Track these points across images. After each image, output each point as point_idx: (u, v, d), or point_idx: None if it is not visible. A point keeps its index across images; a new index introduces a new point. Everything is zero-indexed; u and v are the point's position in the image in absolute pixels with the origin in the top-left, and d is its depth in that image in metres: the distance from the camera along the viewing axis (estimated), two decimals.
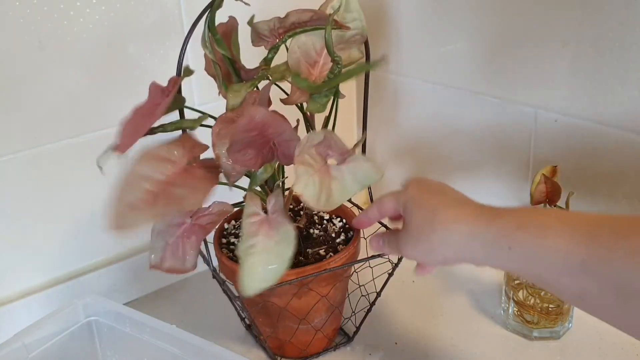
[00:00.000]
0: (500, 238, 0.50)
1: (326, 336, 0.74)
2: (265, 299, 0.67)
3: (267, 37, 0.64)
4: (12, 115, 0.75)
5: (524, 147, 0.83)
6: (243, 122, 0.54)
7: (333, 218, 0.76)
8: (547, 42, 0.76)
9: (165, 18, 0.82)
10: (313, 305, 0.68)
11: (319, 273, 0.64)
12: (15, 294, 0.81)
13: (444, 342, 0.77)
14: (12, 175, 0.77)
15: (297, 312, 0.68)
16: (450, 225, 0.53)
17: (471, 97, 0.88)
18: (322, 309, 0.70)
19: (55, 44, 0.75)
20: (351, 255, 0.68)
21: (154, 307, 0.87)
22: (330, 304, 0.70)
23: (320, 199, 0.55)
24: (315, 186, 0.55)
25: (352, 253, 0.68)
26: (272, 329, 0.71)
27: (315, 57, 0.64)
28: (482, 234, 0.52)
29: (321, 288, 0.67)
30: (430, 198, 0.57)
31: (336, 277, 0.68)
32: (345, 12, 0.65)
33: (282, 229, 0.56)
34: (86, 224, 0.84)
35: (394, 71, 0.99)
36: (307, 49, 0.64)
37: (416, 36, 0.93)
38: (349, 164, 0.58)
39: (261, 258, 0.55)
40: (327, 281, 0.67)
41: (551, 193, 0.74)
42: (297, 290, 0.65)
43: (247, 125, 0.55)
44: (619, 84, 0.71)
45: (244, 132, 0.55)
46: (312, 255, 0.68)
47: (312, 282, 0.65)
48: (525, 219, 0.50)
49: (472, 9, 0.84)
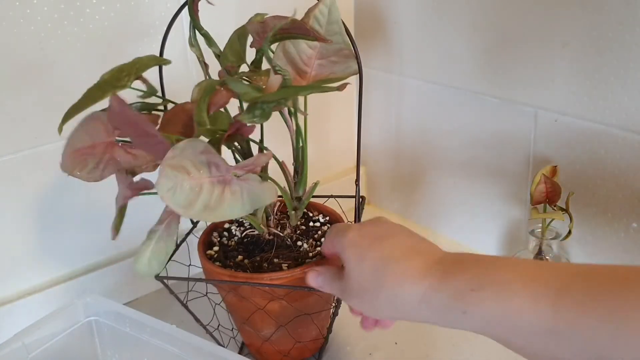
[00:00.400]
0: (454, 302, 0.45)
1: (280, 351, 0.73)
2: (222, 292, 0.69)
3: (257, 39, 0.64)
4: (12, 115, 0.75)
5: (524, 147, 0.83)
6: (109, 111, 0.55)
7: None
8: (547, 42, 0.76)
9: (165, 18, 0.82)
10: (250, 314, 0.67)
11: (239, 283, 0.64)
12: (15, 294, 0.81)
13: (444, 342, 0.77)
14: (12, 175, 0.77)
15: (239, 314, 0.69)
16: (396, 289, 0.48)
17: (471, 97, 0.88)
18: (265, 321, 0.68)
19: (55, 44, 0.75)
20: (294, 280, 0.64)
21: (154, 307, 0.87)
22: (272, 319, 0.68)
23: (193, 208, 0.53)
24: (184, 193, 0.53)
25: (295, 278, 0.64)
26: (238, 329, 0.73)
27: (303, 67, 0.63)
28: (433, 298, 0.46)
29: (257, 299, 0.65)
30: (372, 248, 0.51)
31: (273, 293, 0.65)
32: (328, 24, 0.62)
33: (173, 225, 0.61)
34: (86, 224, 0.84)
35: (394, 71, 0.99)
36: (292, 57, 0.63)
37: (416, 36, 0.93)
38: (245, 182, 0.56)
39: (153, 245, 0.60)
40: (262, 296, 0.65)
41: (551, 193, 0.74)
42: (229, 292, 0.67)
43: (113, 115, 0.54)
44: (619, 84, 0.71)
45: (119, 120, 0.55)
46: (275, 266, 0.67)
47: (246, 291, 0.65)
48: (481, 278, 0.44)
49: (472, 9, 0.84)
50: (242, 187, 0.55)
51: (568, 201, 0.74)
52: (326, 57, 0.63)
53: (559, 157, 0.79)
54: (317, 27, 0.62)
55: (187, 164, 0.53)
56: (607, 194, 0.75)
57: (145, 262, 0.60)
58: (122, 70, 0.59)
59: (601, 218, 0.77)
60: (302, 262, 0.66)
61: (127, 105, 0.53)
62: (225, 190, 0.55)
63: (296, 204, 0.70)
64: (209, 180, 0.54)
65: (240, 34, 0.66)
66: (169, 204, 0.52)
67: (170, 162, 0.52)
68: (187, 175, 0.53)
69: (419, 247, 0.51)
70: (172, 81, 0.71)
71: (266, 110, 0.57)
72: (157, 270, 0.61)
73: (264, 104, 0.57)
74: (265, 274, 0.64)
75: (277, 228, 0.70)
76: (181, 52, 0.85)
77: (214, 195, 0.54)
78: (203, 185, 0.54)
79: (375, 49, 1.00)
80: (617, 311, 0.38)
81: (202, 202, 0.53)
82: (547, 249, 0.75)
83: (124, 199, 0.62)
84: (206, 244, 0.72)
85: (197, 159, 0.54)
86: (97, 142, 0.58)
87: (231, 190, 0.55)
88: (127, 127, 0.55)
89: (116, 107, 0.53)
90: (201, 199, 0.53)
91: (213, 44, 0.64)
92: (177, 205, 0.52)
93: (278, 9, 0.65)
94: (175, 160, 0.53)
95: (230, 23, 0.68)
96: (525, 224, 0.86)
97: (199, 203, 0.53)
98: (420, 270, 0.47)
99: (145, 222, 0.84)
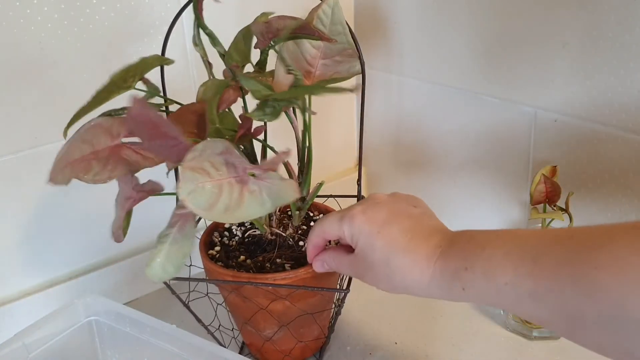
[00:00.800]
0: (453, 281, 0.50)
1: (282, 350, 0.73)
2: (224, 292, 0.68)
3: (261, 40, 0.64)
4: (13, 115, 0.75)
5: (523, 147, 0.83)
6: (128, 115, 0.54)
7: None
8: (547, 42, 0.76)
9: (165, 18, 0.82)
10: (253, 314, 0.67)
11: (244, 283, 0.64)
12: (15, 294, 0.81)
13: (444, 342, 0.77)
14: (12, 175, 0.77)
15: (242, 314, 0.69)
16: (406, 277, 0.54)
17: (471, 97, 0.88)
18: (268, 321, 0.68)
19: (55, 44, 0.75)
20: (298, 281, 0.65)
21: (154, 307, 0.87)
22: (274, 319, 0.68)
23: (214, 209, 0.53)
24: (205, 195, 0.52)
25: (299, 279, 0.65)
26: (239, 329, 0.72)
27: (308, 67, 0.64)
28: (437, 281, 0.52)
29: (260, 299, 0.66)
30: (379, 237, 0.55)
31: (276, 294, 0.65)
32: (331, 24, 0.63)
33: (189, 226, 0.58)
34: (86, 224, 0.84)
35: (394, 71, 0.99)
36: (297, 57, 0.63)
37: (416, 36, 0.93)
38: (265, 181, 0.56)
39: (167, 248, 0.58)
40: (266, 296, 0.65)
41: (551, 193, 0.74)
42: (231, 292, 0.66)
43: (133, 116, 0.53)
44: (619, 84, 0.71)
45: (137, 123, 0.54)
46: (278, 266, 0.67)
47: (249, 291, 0.65)
48: (471, 257, 0.49)
49: (472, 8, 0.84)
50: (260, 186, 0.55)
51: (568, 201, 0.74)
52: (330, 57, 0.64)
53: (559, 157, 0.79)
54: (320, 27, 0.62)
55: (206, 166, 0.53)
56: (607, 194, 0.75)
57: (159, 267, 0.58)
58: (129, 70, 0.58)
59: (601, 218, 0.77)
60: (304, 263, 0.66)
61: (149, 106, 0.53)
62: (243, 190, 0.54)
63: (300, 204, 0.70)
64: (227, 181, 0.54)
65: (245, 33, 0.66)
66: (191, 207, 0.52)
67: (190, 164, 0.52)
68: (208, 176, 0.53)
69: (420, 228, 0.56)
70: (172, 81, 0.71)
71: (277, 108, 0.58)
72: (174, 273, 0.58)
73: (275, 101, 0.58)
74: (269, 274, 0.64)
75: (279, 228, 0.71)
76: (181, 52, 0.85)
77: (233, 196, 0.53)
78: (223, 187, 0.53)
79: (375, 49, 1.00)
80: (588, 273, 0.41)
81: (223, 204, 0.53)
82: None
83: (128, 202, 0.62)
84: (207, 244, 0.72)
85: (216, 160, 0.53)
86: (99, 149, 0.57)
87: (249, 190, 0.54)
88: (144, 129, 0.54)
89: (138, 108, 0.52)
90: (222, 200, 0.53)
91: (218, 43, 0.64)
92: (198, 207, 0.52)
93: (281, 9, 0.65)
94: (195, 162, 0.52)
95: (232, 22, 0.68)
96: (525, 224, 0.86)
97: (219, 205, 0.53)
98: (425, 257, 0.53)
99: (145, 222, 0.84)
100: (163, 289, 0.89)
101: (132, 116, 0.52)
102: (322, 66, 0.63)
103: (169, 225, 0.59)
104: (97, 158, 0.57)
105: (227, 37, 0.66)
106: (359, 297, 0.85)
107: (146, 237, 0.89)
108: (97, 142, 0.57)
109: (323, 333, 0.73)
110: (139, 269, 0.88)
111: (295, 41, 0.63)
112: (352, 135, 1.10)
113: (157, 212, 0.65)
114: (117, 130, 0.58)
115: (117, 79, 0.58)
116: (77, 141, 0.57)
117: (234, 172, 0.54)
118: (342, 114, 1.07)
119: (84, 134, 0.58)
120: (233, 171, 0.54)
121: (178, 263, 0.58)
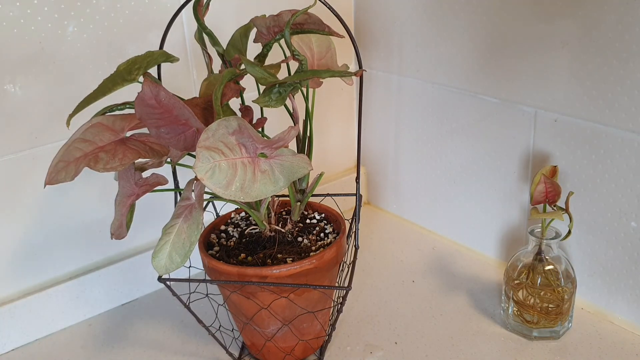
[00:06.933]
0: None
1: (283, 349, 0.73)
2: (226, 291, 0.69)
3: (264, 34, 0.65)
4: (13, 115, 0.75)
5: (523, 147, 0.83)
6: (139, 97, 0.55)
7: (327, 229, 0.75)
8: (547, 42, 0.76)
9: (165, 18, 0.82)
10: (256, 312, 0.67)
11: (245, 283, 0.64)
12: (15, 294, 0.81)
13: (443, 342, 0.77)
14: (12, 175, 0.77)
15: (244, 312, 0.69)
16: None
17: (471, 97, 0.88)
18: (271, 318, 0.68)
19: (56, 44, 0.75)
20: (303, 272, 0.65)
21: (153, 308, 0.87)
22: (277, 315, 0.68)
23: (230, 187, 0.54)
24: (222, 173, 0.54)
25: (303, 270, 0.65)
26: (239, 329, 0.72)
27: (311, 60, 0.65)
28: None
29: (265, 295, 0.66)
30: None
31: (281, 291, 0.66)
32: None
33: (195, 213, 0.59)
34: (86, 224, 0.84)
35: (394, 71, 0.99)
36: (302, 51, 0.64)
37: (416, 36, 0.93)
38: (276, 158, 0.57)
39: (173, 238, 0.59)
40: (268, 292, 0.66)
41: (551, 193, 0.74)
42: (233, 291, 0.67)
43: (145, 100, 0.55)
44: (619, 84, 0.71)
45: (146, 107, 0.55)
46: (279, 261, 0.67)
47: (252, 287, 0.65)
48: None
49: (472, 9, 0.84)
50: (270, 164, 0.57)
51: (568, 201, 0.74)
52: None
53: (559, 157, 0.79)
54: None
55: (220, 145, 0.54)
56: (607, 194, 0.76)
57: (165, 256, 0.59)
58: (136, 62, 0.59)
59: (601, 218, 0.77)
60: (305, 257, 0.67)
61: (162, 88, 0.53)
62: (255, 170, 0.56)
63: (299, 197, 0.71)
64: (240, 161, 0.56)
65: (243, 32, 0.67)
66: (209, 185, 0.53)
67: (205, 144, 0.54)
68: (223, 155, 0.54)
69: None
70: (171, 77, 0.72)
71: (282, 94, 0.60)
72: (181, 263, 0.59)
73: (281, 87, 0.59)
74: (274, 266, 0.65)
75: (277, 224, 0.71)
76: (180, 50, 0.85)
77: (247, 175, 0.55)
78: (237, 165, 0.55)
79: (375, 49, 1.01)
80: None
81: (239, 182, 0.55)
82: (546, 249, 0.75)
83: (131, 198, 0.62)
84: (205, 245, 0.72)
85: (228, 140, 0.55)
86: (103, 145, 0.58)
87: (261, 170, 0.56)
88: (155, 114, 0.55)
89: (150, 91, 0.53)
90: (237, 178, 0.55)
91: (217, 43, 0.65)
92: (217, 185, 0.54)
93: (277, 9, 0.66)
94: (209, 141, 0.54)
95: (231, 22, 0.69)
96: (525, 224, 0.86)
97: (235, 183, 0.55)
98: None
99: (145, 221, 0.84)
100: (163, 289, 0.89)
101: (143, 99, 0.53)
102: (322, 59, 0.66)
103: (174, 217, 0.60)
104: (104, 151, 0.57)
105: (225, 36, 0.66)
106: (359, 297, 0.85)
107: (146, 238, 0.89)
108: (100, 140, 0.58)
109: (324, 330, 0.74)
110: (139, 269, 0.88)
111: (299, 35, 0.64)
112: (351, 136, 1.10)
113: (157, 213, 0.65)
114: (120, 126, 0.59)
115: (123, 69, 0.59)
116: (77, 142, 0.58)
117: (245, 152, 0.56)
118: (340, 115, 1.07)
119: (84, 134, 0.58)
120: (245, 152, 0.56)
121: (185, 252, 0.59)
